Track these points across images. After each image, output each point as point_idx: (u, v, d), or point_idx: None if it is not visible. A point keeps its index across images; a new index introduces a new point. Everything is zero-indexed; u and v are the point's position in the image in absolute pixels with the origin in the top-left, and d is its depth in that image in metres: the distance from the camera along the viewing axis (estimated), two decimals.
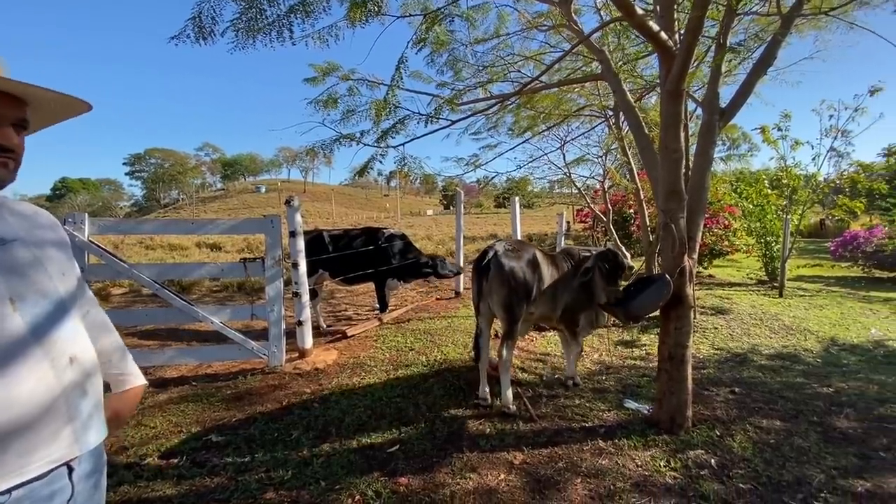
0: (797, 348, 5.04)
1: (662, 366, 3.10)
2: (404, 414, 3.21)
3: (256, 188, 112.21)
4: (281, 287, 4.00)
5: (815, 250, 17.01)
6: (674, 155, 2.78)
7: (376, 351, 4.48)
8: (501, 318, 3.20)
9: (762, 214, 9.10)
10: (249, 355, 3.97)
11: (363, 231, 5.68)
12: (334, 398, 3.46)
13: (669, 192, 2.85)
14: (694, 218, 3.09)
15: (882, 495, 2.40)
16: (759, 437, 3.01)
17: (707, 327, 5.64)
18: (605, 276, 3.25)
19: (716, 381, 4.04)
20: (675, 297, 2.98)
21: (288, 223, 4.02)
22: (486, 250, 3.24)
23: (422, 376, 3.83)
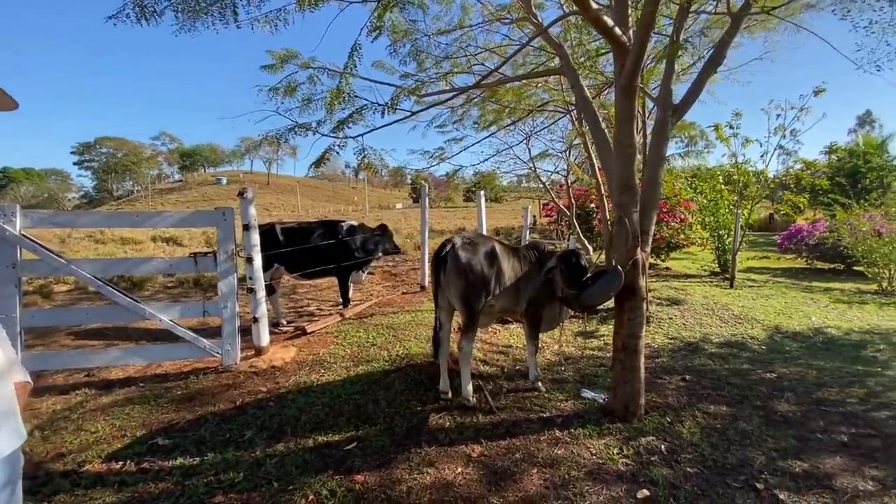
0: (745, 336, 5.30)
1: (617, 356, 3.18)
2: (363, 411, 3.16)
3: (217, 180, 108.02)
4: (234, 282, 3.85)
5: (764, 243, 17.97)
6: (627, 150, 2.83)
7: (337, 347, 4.39)
8: (460, 310, 3.19)
9: (716, 209, 9.50)
10: (202, 354, 3.81)
11: (319, 223, 5.54)
12: (291, 397, 3.37)
13: (623, 187, 2.90)
14: (647, 212, 3.16)
15: (818, 475, 2.55)
16: (707, 422, 3.14)
17: (662, 318, 5.84)
18: (567, 276, 3.29)
19: (669, 369, 4.19)
20: (628, 288, 3.05)
21: (241, 216, 3.86)
22: (444, 243, 3.21)
23: (383, 372, 3.79)
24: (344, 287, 5.50)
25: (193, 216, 3.85)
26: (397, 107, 3.03)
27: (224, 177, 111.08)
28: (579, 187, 13.14)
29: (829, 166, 21.26)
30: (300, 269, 5.19)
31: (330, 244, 5.22)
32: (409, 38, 4.57)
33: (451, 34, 5.35)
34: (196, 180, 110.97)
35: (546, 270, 3.33)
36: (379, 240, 5.68)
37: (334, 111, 2.97)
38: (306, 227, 5.43)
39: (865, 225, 8.46)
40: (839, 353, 4.75)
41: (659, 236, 10.15)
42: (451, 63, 4.84)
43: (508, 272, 3.41)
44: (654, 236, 10.04)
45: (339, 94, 2.80)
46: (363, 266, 5.52)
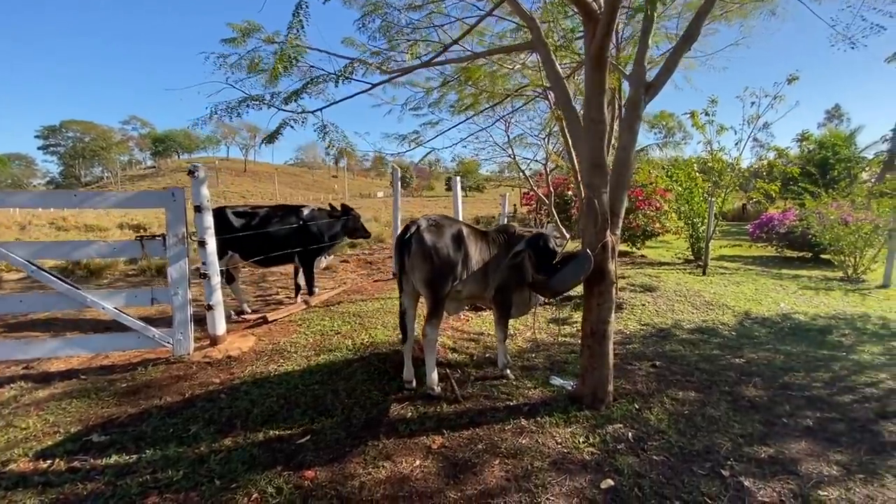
0: (715, 322, 5.31)
1: (585, 342, 3.08)
2: (320, 402, 3.00)
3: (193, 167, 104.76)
4: (186, 268, 3.60)
5: (737, 232, 18.31)
6: (598, 126, 2.70)
7: (299, 336, 4.20)
8: (425, 295, 3.04)
9: (690, 197, 9.55)
10: (152, 344, 3.57)
11: (275, 208, 5.28)
12: (245, 388, 3.18)
13: (592, 167, 2.78)
14: (618, 194, 3.05)
15: (783, 460, 2.51)
16: (675, 408, 3.08)
17: (635, 304, 5.82)
18: (536, 261, 3.16)
19: (640, 355, 4.14)
20: (598, 272, 2.95)
21: (192, 197, 3.60)
22: (408, 225, 3.05)
23: (345, 361, 3.62)
24: (309, 274, 5.28)
25: (138, 197, 3.57)
26: (350, 76, 2.83)
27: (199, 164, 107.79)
28: (558, 176, 13.10)
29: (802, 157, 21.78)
30: (256, 256, 4.94)
31: (288, 229, 4.99)
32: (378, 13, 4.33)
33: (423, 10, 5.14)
34: (170, 167, 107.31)
35: (513, 254, 3.20)
36: (344, 222, 5.44)
37: (277, 75, 2.73)
38: (261, 211, 5.16)
39: (833, 213, 8.61)
40: (806, 339, 4.79)
41: (634, 224, 10.18)
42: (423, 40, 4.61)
43: (476, 256, 3.27)
44: (629, 224, 10.06)
45: (282, 59, 2.58)
46: (325, 251, 5.30)
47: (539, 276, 3.09)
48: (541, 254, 3.15)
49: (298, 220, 5.07)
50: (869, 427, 2.88)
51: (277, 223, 4.98)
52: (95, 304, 3.37)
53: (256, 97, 2.95)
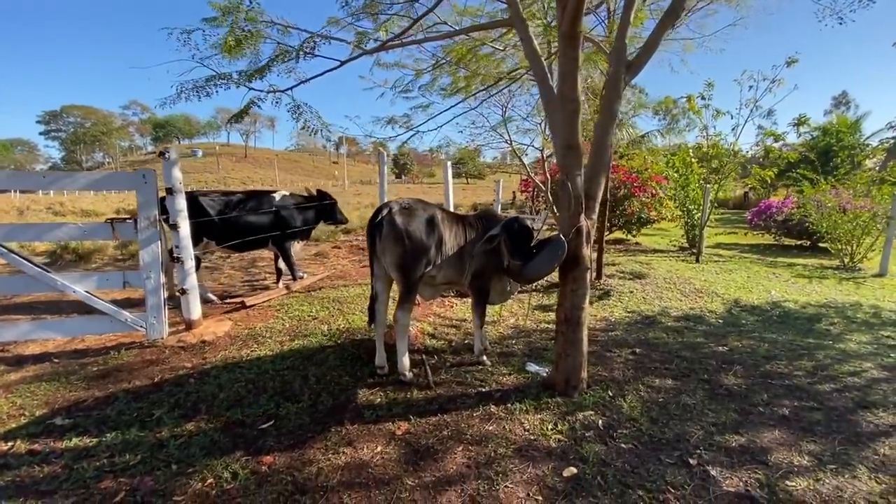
0: (703, 310, 5.25)
1: (559, 328, 3.02)
2: (289, 387, 2.96)
3: (193, 152, 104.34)
4: (158, 251, 3.55)
5: (737, 221, 18.17)
6: (571, 105, 2.60)
7: (276, 321, 4.16)
8: (396, 279, 2.98)
9: (686, 183, 9.42)
10: (124, 328, 3.53)
11: (248, 195, 5.22)
12: (214, 373, 3.15)
13: (566, 147, 2.68)
14: (595, 176, 2.96)
15: (754, 449, 2.46)
16: (650, 396, 3.03)
17: (623, 291, 5.75)
18: (512, 245, 3.09)
19: (621, 342, 4.08)
20: (572, 258, 2.88)
21: (164, 179, 3.53)
22: (380, 207, 2.97)
23: (319, 347, 3.58)
24: (287, 259, 5.22)
25: (109, 178, 3.50)
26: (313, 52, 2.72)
27: (200, 149, 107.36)
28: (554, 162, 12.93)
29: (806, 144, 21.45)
30: (230, 241, 4.92)
31: (260, 214, 4.94)
32: None
33: None
34: None
35: (487, 238, 3.13)
36: (319, 208, 5.35)
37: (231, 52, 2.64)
38: (234, 197, 5.11)
39: (831, 201, 8.48)
40: (793, 327, 4.72)
41: (629, 211, 10.07)
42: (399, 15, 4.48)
43: (451, 241, 3.20)
44: (624, 211, 9.92)
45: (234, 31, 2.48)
46: (299, 236, 5.24)
47: (515, 261, 3.02)
48: (516, 239, 3.08)
49: (270, 205, 5.00)
50: (847, 417, 2.83)
51: (249, 209, 4.92)
52: (66, 287, 3.33)
53: (223, 75, 2.86)
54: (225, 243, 4.89)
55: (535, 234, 3.14)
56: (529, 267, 2.90)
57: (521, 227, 3.08)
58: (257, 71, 2.78)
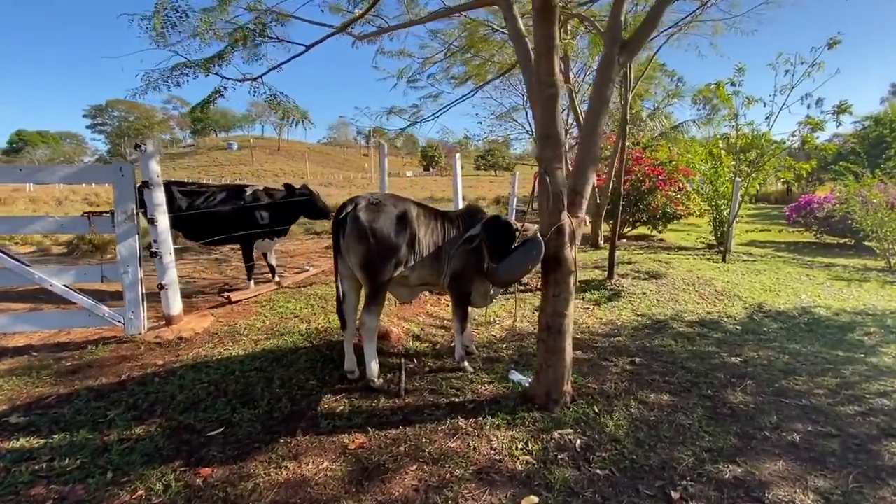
0: (721, 315, 4.83)
1: (540, 336, 2.77)
2: (250, 391, 2.83)
3: (228, 145, 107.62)
4: (136, 245, 3.48)
5: (778, 216, 17.08)
6: (548, 90, 2.31)
7: (257, 318, 4.05)
8: (362, 280, 2.79)
9: (715, 177, 8.82)
10: (102, 322, 3.50)
11: (221, 188, 5.12)
12: (181, 372, 3.05)
13: (543, 137, 2.41)
14: (582, 169, 2.67)
15: (750, 483, 2.15)
16: (641, 413, 2.74)
17: (635, 293, 5.38)
18: (491, 245, 2.83)
19: (621, 349, 3.77)
20: (553, 259, 2.61)
21: (142, 172, 3.45)
22: (345, 203, 2.78)
23: (293, 347, 3.44)
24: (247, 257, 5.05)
25: (86, 171, 3.47)
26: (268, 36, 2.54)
27: (235, 142, 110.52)
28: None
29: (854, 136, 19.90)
30: (199, 235, 4.84)
31: (228, 210, 4.82)
32: None
33: None
34: (207, 145, 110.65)
35: (465, 239, 2.88)
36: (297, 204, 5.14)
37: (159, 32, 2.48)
38: (207, 190, 5.03)
39: (878, 196, 7.73)
40: (821, 336, 4.27)
41: (654, 205, 9.55)
42: None
43: (427, 240, 2.98)
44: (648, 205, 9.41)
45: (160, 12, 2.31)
46: (273, 234, 5.08)
47: (493, 263, 2.77)
48: (496, 238, 2.82)
49: (239, 200, 4.87)
50: (868, 446, 2.46)
51: (217, 203, 4.81)
52: (43, 280, 3.31)
53: (189, 63, 2.71)
54: (193, 237, 4.86)
55: (518, 233, 2.88)
56: (501, 268, 2.65)
57: (500, 227, 2.82)
58: (215, 57, 2.63)
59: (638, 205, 9.65)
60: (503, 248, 2.80)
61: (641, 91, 9.43)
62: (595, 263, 7.07)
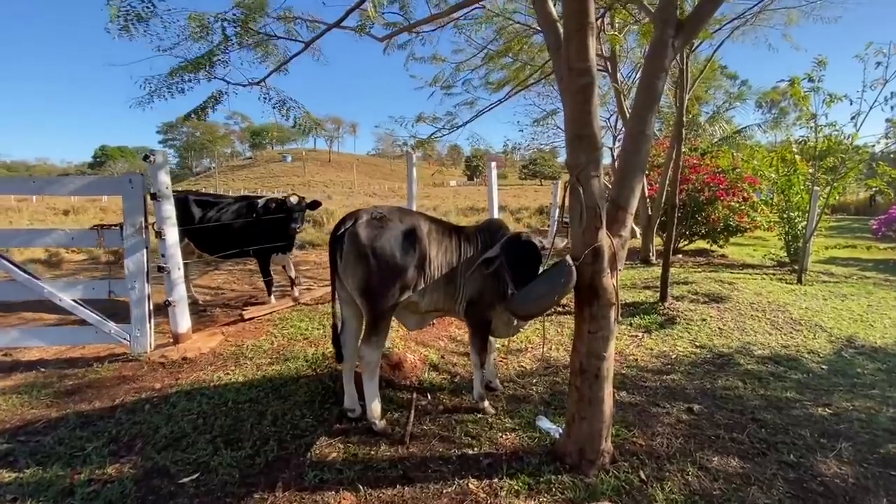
0: (800, 350, 4.07)
1: (573, 381, 2.28)
2: (238, 427, 2.52)
3: (283, 157, 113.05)
4: (144, 260, 3.34)
5: (861, 229, 15.22)
6: (580, 80, 1.86)
7: (267, 338, 3.80)
8: (361, 306, 2.43)
9: (787, 186, 7.82)
10: (108, 339, 3.37)
11: (238, 200, 4.95)
12: (174, 399, 2.81)
13: (575, 137, 1.95)
14: (627, 179, 2.18)
15: None
16: (701, 484, 2.17)
17: (693, 319, 4.69)
18: (513, 270, 2.37)
19: (676, 392, 3.17)
20: (589, 289, 2.13)
21: (151, 184, 3.31)
22: (344, 218, 2.44)
23: (295, 375, 3.13)
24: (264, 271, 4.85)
25: (96, 183, 3.36)
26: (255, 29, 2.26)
27: (289, 154, 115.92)
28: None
29: None
30: (211, 247, 4.70)
31: (245, 223, 4.63)
32: None
33: None
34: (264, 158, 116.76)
35: (483, 261, 2.45)
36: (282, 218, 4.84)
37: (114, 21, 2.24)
38: (222, 202, 4.88)
39: None
40: None
41: (714, 217, 8.63)
42: None
43: (440, 260, 2.58)
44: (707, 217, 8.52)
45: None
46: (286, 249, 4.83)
47: (517, 289, 2.32)
48: (517, 261, 2.37)
49: (251, 212, 4.68)
50: None
51: (233, 215, 4.64)
52: (52, 294, 3.23)
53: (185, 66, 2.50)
54: (204, 248, 4.75)
55: (546, 255, 2.41)
56: (517, 298, 2.19)
57: (523, 247, 2.37)
58: (206, 57, 2.40)
59: (695, 216, 8.76)
60: (526, 272, 2.33)
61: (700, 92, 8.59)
62: (645, 282, 6.37)
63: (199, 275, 7.19)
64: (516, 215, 18.07)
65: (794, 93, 6.46)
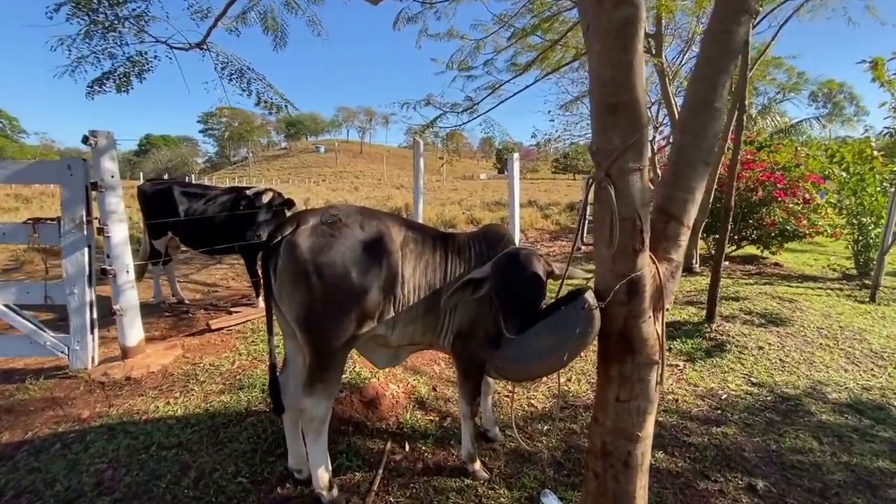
0: (886, 394, 3.21)
1: (591, 464, 1.59)
2: (150, 487, 1.96)
3: (316, 148, 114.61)
4: (86, 260, 2.84)
5: None
6: (618, 11, 1.14)
7: (228, 356, 3.24)
8: (302, 342, 1.79)
9: (861, 186, 6.73)
10: (45, 352, 2.89)
11: (228, 191, 4.47)
12: (92, 436, 2.29)
13: (604, 109, 1.24)
14: (683, 175, 1.46)
15: None
16: None
17: (747, 346, 3.87)
18: (506, 302, 1.70)
19: (731, 455, 2.42)
20: (622, 339, 1.43)
21: (93, 171, 2.80)
22: (282, 223, 1.81)
23: (243, 411, 2.53)
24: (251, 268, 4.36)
25: (31, 169, 2.87)
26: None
27: (322, 145, 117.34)
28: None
29: None
30: (196, 242, 4.27)
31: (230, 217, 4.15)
32: None
33: None
34: (298, 148, 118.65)
35: (465, 284, 1.78)
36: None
37: None
38: (209, 193, 4.43)
39: None
40: None
41: (768, 221, 7.59)
42: None
43: (417, 280, 1.93)
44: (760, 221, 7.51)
45: None
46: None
47: (509, 327, 1.64)
48: (512, 290, 1.68)
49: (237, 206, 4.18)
50: None
51: (221, 207, 4.13)
52: None
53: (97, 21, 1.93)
54: (188, 243, 4.32)
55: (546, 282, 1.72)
56: (509, 352, 1.50)
57: (520, 270, 1.67)
58: None
59: (746, 219, 7.74)
60: (523, 308, 1.64)
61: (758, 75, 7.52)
62: (688, 296, 5.50)
63: (198, 269, 6.82)
64: (545, 211, 17.13)
65: (877, 75, 5.41)
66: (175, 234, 4.26)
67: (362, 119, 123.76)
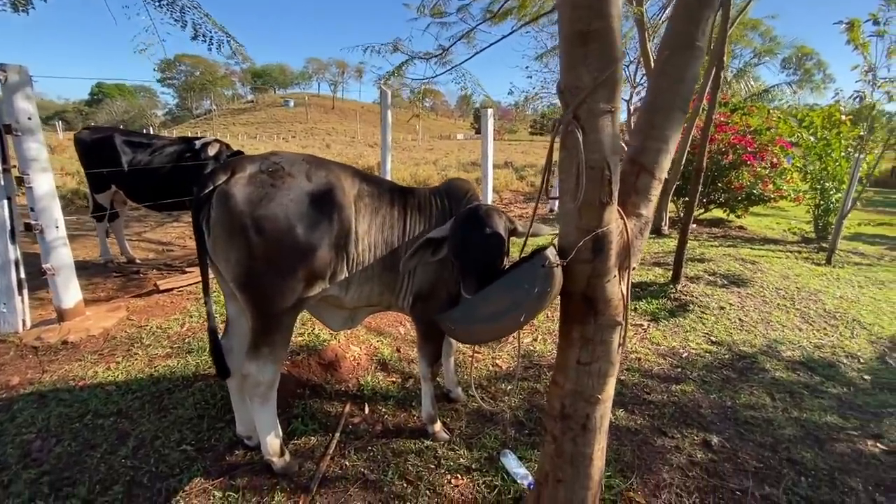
0: (837, 352, 3.34)
1: (549, 427, 1.53)
2: (83, 457, 1.83)
3: (285, 102, 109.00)
4: (6, 215, 2.55)
5: (883, 203, 14.21)
6: None
7: (177, 319, 3.05)
8: (243, 303, 1.65)
9: (826, 151, 6.84)
10: None
11: (175, 141, 4.17)
12: (21, 404, 2.12)
13: (574, 38, 1.08)
14: (657, 123, 1.34)
15: None
16: None
17: (709, 305, 3.94)
18: (465, 262, 1.58)
19: (689, 412, 2.46)
20: (584, 299, 1.34)
21: (4, 112, 2.46)
22: (214, 169, 1.61)
23: (190, 375, 2.40)
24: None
25: None
26: None
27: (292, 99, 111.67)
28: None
29: None
30: (142, 196, 3.99)
31: (177, 169, 3.87)
32: None
33: None
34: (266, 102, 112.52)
35: (424, 244, 1.65)
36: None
37: None
38: (156, 143, 4.12)
39: None
40: None
41: (736, 185, 7.68)
42: None
43: (374, 237, 1.78)
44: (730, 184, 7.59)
45: None
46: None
47: (466, 288, 1.53)
48: (471, 249, 1.56)
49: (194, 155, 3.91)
50: None
51: (169, 158, 3.83)
52: None
53: None
54: (133, 196, 4.02)
55: (508, 240, 1.61)
56: (460, 313, 1.39)
57: (482, 227, 1.55)
58: None
59: (715, 182, 7.81)
60: (482, 268, 1.52)
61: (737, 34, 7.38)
62: (655, 257, 5.56)
63: (153, 227, 6.44)
64: (521, 172, 16.93)
65: (852, 37, 5.36)
66: (119, 187, 3.94)
67: (334, 72, 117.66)
